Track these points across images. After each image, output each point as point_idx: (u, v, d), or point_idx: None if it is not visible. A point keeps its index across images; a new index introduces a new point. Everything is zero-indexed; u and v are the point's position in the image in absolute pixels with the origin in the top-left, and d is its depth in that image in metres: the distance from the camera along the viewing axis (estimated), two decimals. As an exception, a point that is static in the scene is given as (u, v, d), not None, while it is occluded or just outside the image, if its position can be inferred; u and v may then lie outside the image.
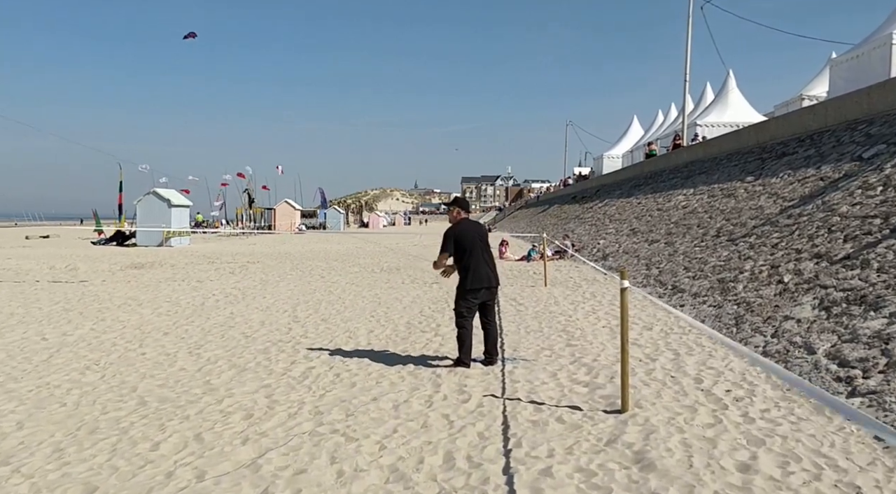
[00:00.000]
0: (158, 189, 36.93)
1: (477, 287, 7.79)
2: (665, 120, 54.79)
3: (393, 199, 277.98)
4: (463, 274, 7.83)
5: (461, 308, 7.83)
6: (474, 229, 8.01)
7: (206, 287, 15.52)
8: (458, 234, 7.84)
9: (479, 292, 7.82)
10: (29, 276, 18.05)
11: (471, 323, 7.88)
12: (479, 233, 8.00)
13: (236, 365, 7.90)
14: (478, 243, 7.91)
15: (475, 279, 7.77)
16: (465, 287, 7.80)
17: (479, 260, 7.83)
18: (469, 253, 7.79)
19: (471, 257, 7.79)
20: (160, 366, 7.90)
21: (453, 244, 7.81)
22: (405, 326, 10.50)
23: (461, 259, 7.82)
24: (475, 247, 7.86)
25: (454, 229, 7.91)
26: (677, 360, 8.19)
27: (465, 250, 7.79)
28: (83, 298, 13.51)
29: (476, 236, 7.93)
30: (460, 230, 7.89)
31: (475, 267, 7.80)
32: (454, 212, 8.10)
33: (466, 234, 7.87)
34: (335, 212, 79.34)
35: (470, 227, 8.00)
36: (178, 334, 9.86)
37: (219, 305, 12.71)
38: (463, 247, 7.80)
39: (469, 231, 7.93)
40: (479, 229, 8.09)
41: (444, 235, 7.90)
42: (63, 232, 50.56)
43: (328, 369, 7.74)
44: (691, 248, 15.99)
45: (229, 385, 7.00)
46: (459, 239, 7.82)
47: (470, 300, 7.81)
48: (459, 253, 7.82)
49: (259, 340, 9.43)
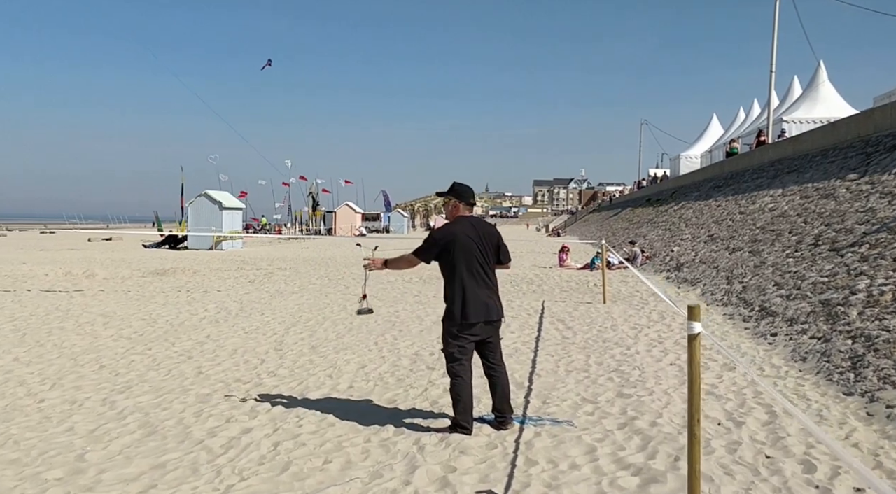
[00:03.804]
0: (210, 191, 35.66)
1: (472, 321, 5.36)
2: (747, 117, 50.85)
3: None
4: (450, 301, 5.41)
5: (451, 349, 5.42)
6: (475, 232, 5.48)
7: (207, 298, 13.60)
8: (448, 240, 5.40)
9: (474, 328, 5.39)
10: (27, 284, 16.53)
11: (468, 371, 5.47)
12: (482, 239, 5.49)
13: (147, 425, 5.75)
14: (476, 254, 5.43)
15: (469, 309, 5.34)
16: (453, 319, 5.37)
17: (477, 279, 5.41)
18: (461, 267, 5.37)
19: (463, 275, 5.37)
20: (47, 422, 5.82)
21: (437, 252, 5.43)
22: (409, 360, 8.20)
23: (448, 275, 5.44)
24: (471, 260, 5.40)
25: (444, 232, 5.49)
26: (773, 426, 5.68)
27: (455, 263, 5.37)
28: (51, 314, 11.70)
29: (475, 243, 5.43)
30: (452, 234, 5.41)
31: (470, 290, 5.36)
32: (450, 203, 5.64)
33: (460, 240, 5.39)
34: (399, 215, 77.73)
35: (467, 230, 5.47)
36: (116, 368, 7.83)
37: (201, 324, 10.67)
38: (452, 258, 5.37)
39: (465, 235, 5.42)
40: (482, 231, 5.54)
41: (428, 238, 5.53)
42: (129, 234, 50.18)
43: (271, 432, 5.53)
44: (783, 259, 13.20)
45: (106, 465, 4.84)
46: (448, 247, 5.39)
47: (463, 339, 5.40)
48: (446, 266, 5.44)
49: (211, 379, 7.30)
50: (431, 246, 5.44)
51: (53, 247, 35.60)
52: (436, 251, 5.43)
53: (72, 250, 32.98)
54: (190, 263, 23.32)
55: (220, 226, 34.45)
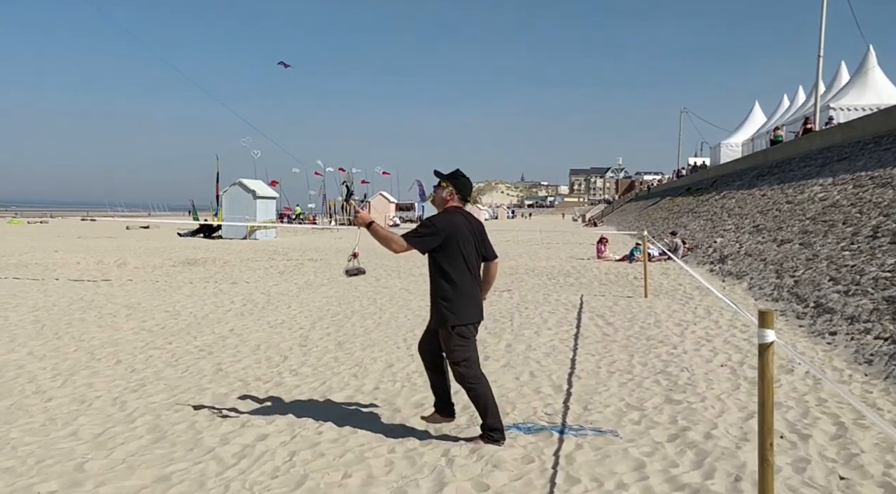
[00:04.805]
0: (244, 180, 35.52)
1: (477, 319, 4.94)
2: (791, 104, 49.28)
3: (497, 192, 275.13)
4: (450, 300, 4.85)
5: (464, 353, 4.86)
6: (469, 226, 5.02)
7: (234, 290, 13.25)
8: (452, 232, 4.85)
9: (476, 326, 4.98)
10: (57, 272, 16.36)
11: (482, 373, 5.01)
12: (475, 234, 5.03)
13: (157, 429, 5.34)
14: (473, 249, 4.98)
15: (474, 307, 4.92)
16: (455, 320, 4.84)
17: (474, 276, 4.99)
18: (462, 262, 4.88)
19: (465, 270, 4.89)
20: (51, 424, 5.44)
21: (438, 243, 4.83)
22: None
23: (444, 269, 4.87)
24: (470, 255, 4.93)
25: (447, 222, 4.90)
26: (843, 440, 5.08)
27: (458, 258, 4.86)
28: (74, 304, 11.42)
29: (472, 238, 4.97)
30: (455, 226, 4.89)
31: (472, 287, 4.94)
32: (445, 191, 5.08)
33: (463, 233, 4.90)
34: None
35: (465, 223, 4.99)
36: (133, 363, 7.46)
37: (225, 317, 10.29)
38: (455, 251, 4.85)
39: (466, 228, 4.95)
40: (475, 225, 5.09)
41: (427, 225, 4.89)
42: (166, 223, 50.39)
43: (288, 439, 5.08)
44: (837, 252, 12.43)
45: (106, 476, 4.42)
46: (452, 239, 4.84)
47: (472, 338, 4.92)
48: (446, 260, 4.87)
49: (230, 377, 6.88)
50: (433, 234, 4.82)
51: (91, 235, 35.84)
52: (437, 241, 4.83)
53: (109, 238, 33.14)
54: (222, 253, 23.11)
55: (254, 215, 34.30)
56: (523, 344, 8.49)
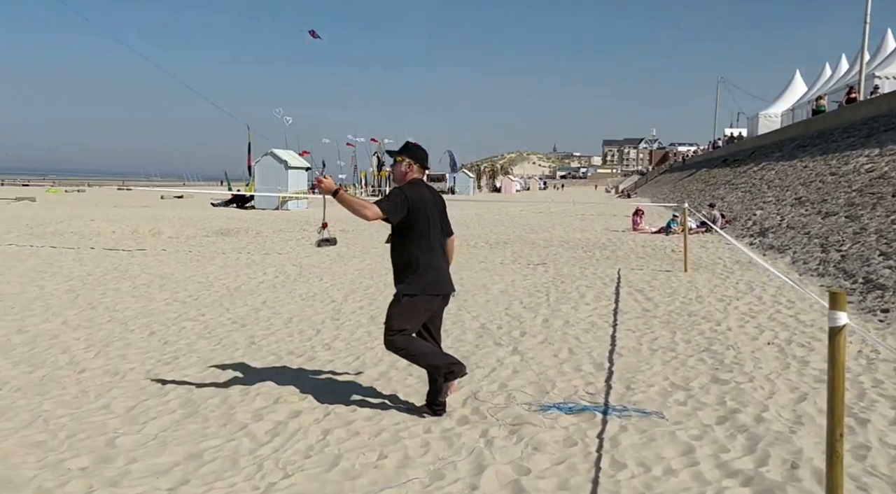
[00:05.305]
0: (276, 150, 35.48)
1: (434, 292, 4.86)
2: (833, 73, 47.88)
3: (529, 163, 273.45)
4: (410, 271, 4.81)
5: (404, 323, 4.81)
6: (433, 198, 5.01)
7: (267, 261, 13.15)
8: (419, 203, 4.79)
9: (434, 301, 4.91)
10: (92, 241, 16.43)
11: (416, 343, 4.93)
12: (438, 206, 5.02)
13: (189, 403, 5.23)
14: (438, 221, 4.95)
15: (435, 280, 4.85)
16: (406, 289, 4.81)
17: (438, 249, 4.94)
18: (427, 234, 4.83)
19: (429, 243, 4.84)
20: (84, 397, 5.35)
21: (406, 210, 4.73)
22: (475, 334, 7.52)
23: (411, 242, 4.80)
24: (435, 227, 4.91)
25: (415, 192, 4.84)
26: (906, 425, 4.81)
27: (422, 229, 4.81)
28: (108, 274, 11.41)
29: (437, 210, 4.97)
30: (422, 198, 4.85)
31: (435, 260, 4.87)
32: (403, 164, 4.99)
33: (429, 205, 4.88)
34: (464, 175, 76.83)
35: (430, 197, 4.97)
36: (166, 335, 7.37)
37: (258, 289, 10.20)
38: (418, 223, 4.79)
39: (431, 201, 4.94)
40: (438, 198, 5.10)
41: (397, 193, 4.80)
42: (200, 193, 50.61)
43: (321, 416, 4.93)
44: (887, 225, 11.98)
45: (137, 453, 4.31)
46: (418, 210, 4.78)
47: (422, 312, 4.88)
48: (411, 232, 4.80)
49: (263, 351, 6.77)
50: (402, 203, 4.72)
51: (127, 204, 36.22)
52: (405, 211, 4.72)
53: (144, 207, 33.43)
54: (254, 223, 23.11)
55: (286, 185, 34.30)
56: (561, 319, 8.27)
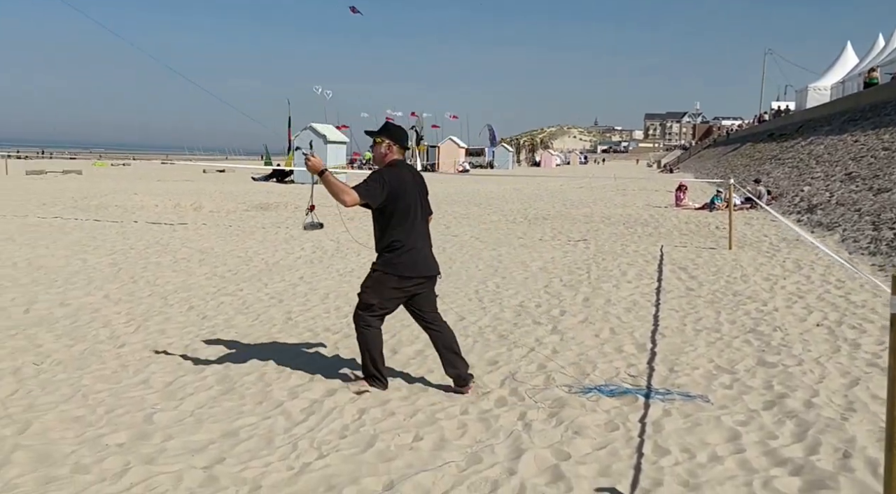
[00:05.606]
0: (315, 124, 35.59)
1: (407, 274, 4.84)
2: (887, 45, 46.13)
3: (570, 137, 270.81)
4: (389, 251, 4.83)
5: (376, 300, 4.87)
6: (414, 179, 4.98)
7: (305, 236, 13.09)
8: (398, 186, 4.75)
9: (410, 282, 4.86)
10: (136, 215, 16.65)
11: (379, 326, 4.98)
12: (420, 187, 5.01)
13: (226, 379, 5.22)
14: (418, 203, 4.94)
15: (411, 262, 4.84)
16: (391, 270, 4.82)
17: (421, 230, 4.96)
18: (406, 216, 4.81)
19: (411, 224, 4.84)
20: (123, 371, 5.36)
21: (385, 193, 4.67)
22: (513, 312, 7.40)
23: (391, 224, 4.80)
24: (416, 209, 4.90)
25: (394, 175, 4.79)
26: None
27: (401, 212, 4.79)
28: (150, 247, 11.52)
29: (417, 191, 4.95)
30: (402, 180, 4.81)
31: (412, 242, 4.85)
32: (383, 145, 4.94)
33: (409, 187, 4.85)
34: (504, 150, 76.21)
35: (410, 177, 4.95)
36: (205, 310, 7.40)
37: (295, 264, 10.19)
38: (397, 206, 4.76)
39: (412, 182, 4.91)
40: (419, 179, 5.07)
41: (376, 177, 4.73)
42: (241, 168, 51.07)
43: (356, 396, 4.89)
44: (944, 203, 11.52)
45: (174, 429, 4.30)
46: (399, 192, 4.75)
47: (397, 292, 4.88)
48: (391, 215, 4.78)
49: (300, 327, 6.74)
50: (381, 187, 4.66)
51: (170, 178, 36.68)
52: (384, 195, 4.67)
53: (186, 181, 33.83)
54: (294, 198, 23.19)
55: (325, 159, 34.27)
56: (602, 298, 8.11)
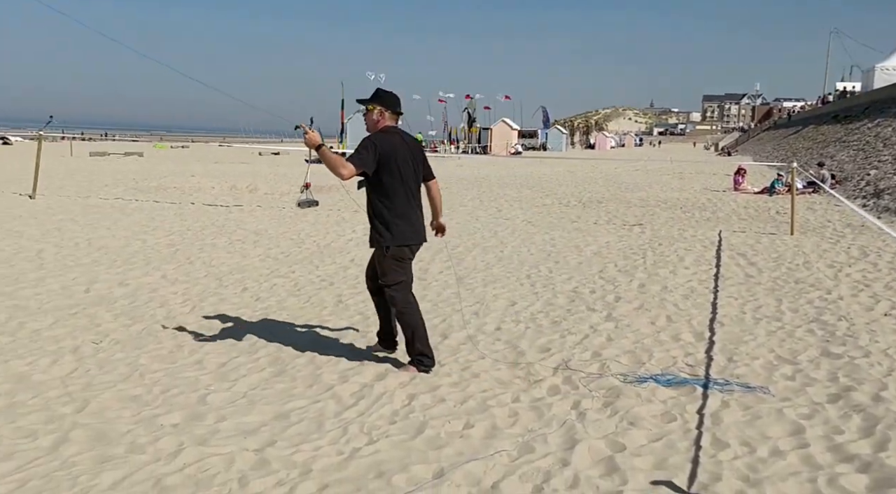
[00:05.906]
0: (368, 107, 35.64)
1: (417, 241, 4.94)
2: (963, 21, 44.11)
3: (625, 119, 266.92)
4: (384, 221, 4.81)
5: (395, 277, 4.88)
6: (407, 146, 4.90)
7: (356, 219, 13.15)
8: (389, 152, 4.72)
9: (416, 248, 4.99)
10: (193, 197, 16.92)
11: (414, 298, 5.04)
12: (414, 153, 4.93)
13: (278, 361, 5.24)
14: (412, 169, 4.89)
15: (412, 229, 4.88)
16: (390, 240, 4.81)
17: (415, 198, 4.94)
18: (401, 184, 4.80)
19: (405, 192, 4.83)
20: (178, 352, 5.43)
21: (375, 160, 4.66)
22: (566, 298, 7.28)
23: (381, 191, 4.80)
24: (409, 176, 4.86)
25: (385, 141, 4.75)
26: None
27: (392, 178, 4.76)
28: (206, 229, 11.69)
29: (410, 158, 4.87)
30: (393, 146, 4.76)
31: (411, 209, 4.88)
32: (374, 112, 4.87)
33: (401, 153, 4.79)
34: (557, 132, 75.41)
35: (402, 144, 4.86)
36: (258, 291, 7.46)
37: (346, 248, 10.21)
38: (388, 172, 4.73)
39: (403, 148, 4.84)
40: (413, 145, 4.98)
41: (365, 144, 4.72)
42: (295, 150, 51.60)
43: (407, 380, 4.82)
44: None
45: (227, 411, 4.32)
46: (389, 159, 4.71)
47: (407, 262, 4.95)
48: (381, 181, 4.76)
49: (350, 310, 6.74)
50: (372, 153, 4.64)
51: (226, 160, 37.22)
52: (375, 161, 4.65)
53: (242, 164, 34.29)
54: (339, 180, 23.29)
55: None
56: (658, 284, 7.92)
